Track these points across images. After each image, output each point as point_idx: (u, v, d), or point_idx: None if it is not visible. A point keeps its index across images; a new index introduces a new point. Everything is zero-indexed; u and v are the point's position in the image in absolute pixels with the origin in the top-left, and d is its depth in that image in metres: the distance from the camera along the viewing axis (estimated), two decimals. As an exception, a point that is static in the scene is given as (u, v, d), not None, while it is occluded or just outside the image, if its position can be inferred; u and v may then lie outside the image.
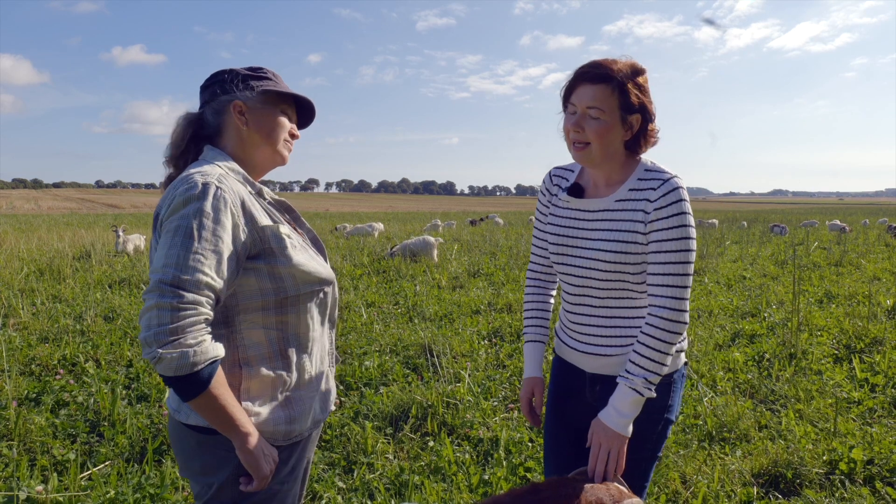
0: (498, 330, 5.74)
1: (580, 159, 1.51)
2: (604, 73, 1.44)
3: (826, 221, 27.33)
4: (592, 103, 1.44)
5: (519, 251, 12.76)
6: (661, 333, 1.43)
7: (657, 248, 1.43)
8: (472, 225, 24.59)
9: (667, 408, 1.56)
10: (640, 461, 1.54)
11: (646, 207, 1.45)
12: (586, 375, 1.62)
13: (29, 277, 8.45)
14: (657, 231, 1.43)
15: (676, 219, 1.42)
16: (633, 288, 1.51)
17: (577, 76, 1.48)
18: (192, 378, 1.11)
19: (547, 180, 1.70)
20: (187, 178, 1.22)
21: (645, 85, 1.47)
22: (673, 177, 1.44)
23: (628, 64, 1.46)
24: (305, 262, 1.33)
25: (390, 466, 2.97)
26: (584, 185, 1.60)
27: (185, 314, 1.10)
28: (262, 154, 1.42)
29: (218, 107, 1.39)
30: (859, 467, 2.90)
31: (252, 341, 1.29)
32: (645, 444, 1.53)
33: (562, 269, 1.61)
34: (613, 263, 1.47)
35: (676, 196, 1.42)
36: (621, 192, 1.50)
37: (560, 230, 1.61)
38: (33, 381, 4.05)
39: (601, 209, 1.53)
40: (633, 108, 1.45)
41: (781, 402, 3.85)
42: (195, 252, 1.13)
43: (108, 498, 2.56)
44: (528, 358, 1.74)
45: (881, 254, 12.75)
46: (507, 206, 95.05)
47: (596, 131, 1.44)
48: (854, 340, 5.21)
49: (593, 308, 1.57)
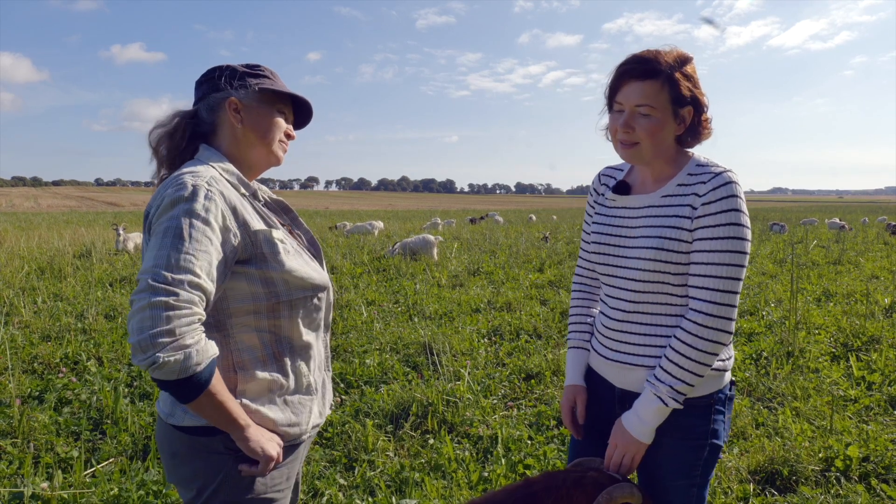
0: (498, 328, 5.77)
1: (629, 158, 1.42)
2: (651, 67, 1.34)
3: (826, 220, 27.34)
4: (641, 100, 1.34)
5: (518, 249, 12.78)
6: (694, 340, 1.31)
7: (702, 247, 1.32)
8: (472, 223, 24.61)
9: (710, 432, 1.43)
10: (689, 487, 1.45)
11: (693, 202, 1.34)
12: (616, 392, 1.52)
13: (30, 276, 8.48)
14: (703, 228, 1.32)
15: (727, 215, 1.30)
16: (673, 292, 1.40)
17: (621, 73, 1.38)
18: (193, 379, 1.08)
19: (595, 181, 1.64)
20: (177, 178, 1.20)
21: (694, 74, 1.38)
22: (726, 171, 1.34)
23: (674, 54, 1.36)
24: (298, 267, 1.31)
25: (391, 464, 3.00)
26: (630, 183, 1.52)
27: (180, 313, 1.06)
28: (256, 154, 1.39)
29: (213, 103, 1.35)
30: (855, 464, 2.93)
31: (245, 345, 1.28)
32: (691, 471, 1.43)
33: (602, 270, 1.52)
34: (654, 262, 1.37)
35: (728, 191, 1.30)
36: (669, 188, 1.40)
37: (603, 228, 1.53)
38: (36, 379, 4.07)
39: (646, 205, 1.44)
40: (685, 100, 1.36)
41: (778, 399, 3.88)
42: (186, 252, 1.10)
43: (112, 495, 2.59)
44: (569, 365, 1.63)
45: (880, 252, 12.77)
46: (507, 204, 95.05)
47: (647, 129, 1.35)
48: (851, 339, 5.24)
49: (626, 313, 1.45)
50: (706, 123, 1.42)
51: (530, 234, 17.47)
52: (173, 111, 1.38)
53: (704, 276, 1.32)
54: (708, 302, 1.31)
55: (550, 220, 30.97)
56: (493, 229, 20.62)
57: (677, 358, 1.33)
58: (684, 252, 1.36)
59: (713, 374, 1.41)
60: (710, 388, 1.42)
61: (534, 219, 29.92)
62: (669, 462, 1.44)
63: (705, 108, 1.41)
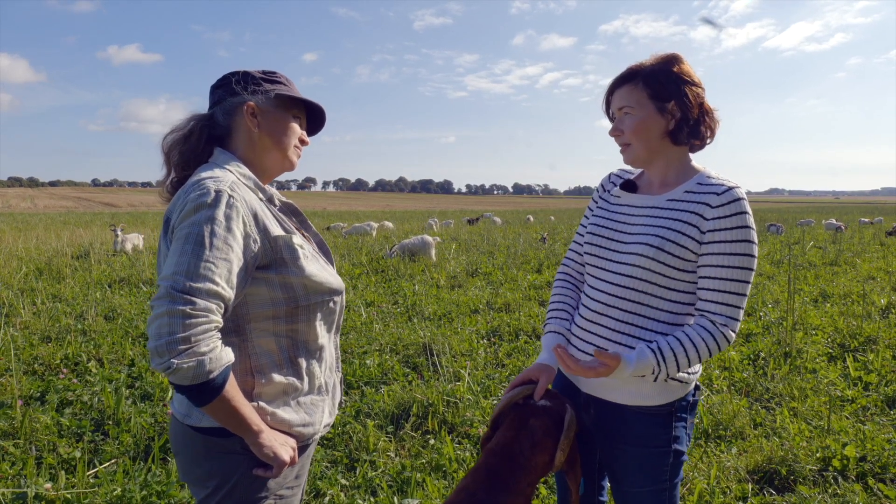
0: (497, 329, 5.79)
1: (627, 160, 1.49)
2: (628, 73, 1.45)
3: (823, 220, 27.41)
4: (622, 103, 1.44)
5: (516, 250, 12.81)
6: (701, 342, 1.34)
7: (716, 261, 1.35)
8: (470, 224, 24.66)
9: (672, 439, 1.46)
10: (659, 492, 1.49)
11: (703, 212, 1.36)
12: (581, 396, 1.55)
13: (28, 277, 8.47)
14: (718, 242, 1.35)
15: (740, 231, 1.34)
16: (655, 294, 1.41)
17: (610, 88, 1.49)
18: (207, 385, 1.11)
19: (605, 179, 1.68)
20: (199, 183, 1.20)
21: (680, 73, 1.42)
22: (736, 187, 1.37)
23: (657, 57, 1.45)
24: (317, 272, 1.32)
25: (392, 464, 3.02)
26: (638, 184, 1.57)
27: (197, 321, 1.08)
28: (271, 158, 1.39)
29: (229, 107, 1.35)
30: (852, 464, 2.95)
31: (263, 349, 1.29)
32: (659, 476, 1.47)
33: (591, 262, 1.54)
34: (648, 259, 1.39)
35: (741, 207, 1.34)
36: (676, 193, 1.44)
37: (601, 221, 1.56)
38: (37, 380, 4.08)
39: (650, 206, 1.47)
40: (667, 95, 1.40)
41: (776, 400, 3.90)
42: (206, 260, 1.12)
43: (116, 495, 2.60)
44: (544, 346, 1.60)
45: (876, 253, 12.83)
46: (505, 204, 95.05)
47: (631, 127, 1.43)
48: (848, 339, 5.27)
49: (605, 306, 1.47)
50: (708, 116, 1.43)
51: (528, 235, 17.50)
52: (189, 115, 1.38)
53: (721, 291, 1.35)
54: (723, 315, 1.35)
55: (548, 220, 31.00)
56: (490, 230, 20.64)
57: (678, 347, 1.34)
58: (681, 257, 1.38)
59: (674, 384, 1.43)
60: (672, 396, 1.45)
61: (531, 220, 29.95)
62: (636, 470, 1.48)
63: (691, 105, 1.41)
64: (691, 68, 1.45)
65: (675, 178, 1.47)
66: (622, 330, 1.44)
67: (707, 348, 1.34)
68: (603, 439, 1.53)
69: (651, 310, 1.43)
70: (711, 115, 1.45)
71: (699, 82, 1.44)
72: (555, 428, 1.42)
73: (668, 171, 1.48)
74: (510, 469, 1.36)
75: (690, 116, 1.42)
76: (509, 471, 1.36)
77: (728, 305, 1.35)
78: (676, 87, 1.40)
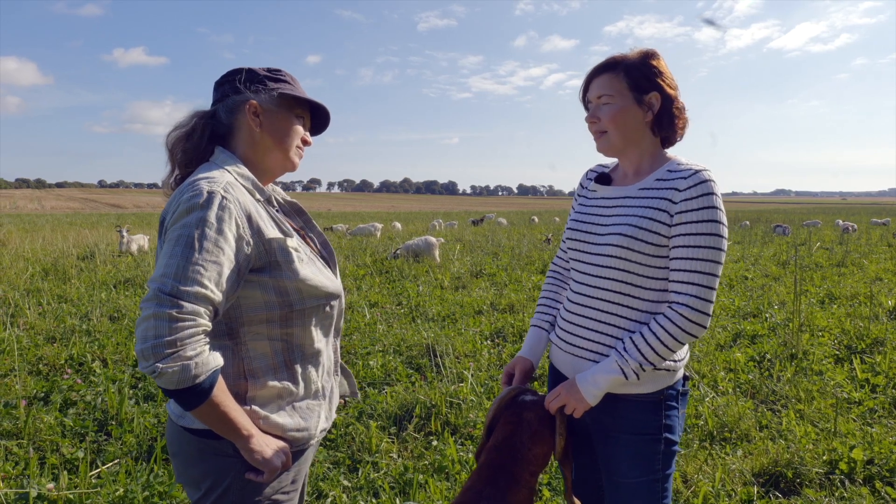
0: (500, 330, 5.77)
1: (601, 148, 1.52)
2: (609, 62, 1.48)
3: (837, 221, 27.09)
4: (601, 91, 1.47)
5: (521, 251, 12.78)
6: (674, 328, 1.36)
7: (684, 242, 1.37)
8: (475, 225, 24.68)
9: (664, 427, 1.48)
10: (652, 483, 1.49)
11: (672, 196, 1.39)
12: None
13: (34, 277, 8.51)
14: (685, 223, 1.37)
15: (707, 212, 1.36)
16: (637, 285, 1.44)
17: (588, 75, 1.53)
18: (193, 389, 1.09)
19: (583, 177, 1.71)
20: (193, 184, 1.19)
21: (659, 67, 1.47)
22: (704, 169, 1.40)
23: (637, 51, 1.49)
24: (312, 276, 1.30)
25: (394, 465, 3.01)
26: (613, 177, 1.60)
27: (183, 325, 1.07)
28: (273, 158, 1.37)
29: (232, 105, 1.33)
30: (859, 467, 2.92)
31: (257, 353, 1.27)
32: (651, 465, 1.48)
33: (572, 256, 1.58)
34: (621, 248, 1.42)
35: (707, 188, 1.36)
36: (647, 182, 1.47)
37: (579, 216, 1.59)
38: (41, 380, 4.09)
39: (623, 196, 1.51)
40: (646, 87, 1.45)
41: (782, 402, 3.87)
42: (195, 263, 1.10)
43: (118, 495, 2.60)
44: (526, 340, 1.69)
45: (884, 254, 12.75)
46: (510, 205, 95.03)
47: (609, 115, 1.46)
48: (855, 341, 5.23)
49: (588, 298, 1.50)
50: (679, 113, 1.49)
51: (532, 236, 17.47)
52: (191, 112, 1.36)
53: (689, 271, 1.37)
54: (693, 296, 1.36)
55: (553, 221, 30.95)
56: (495, 231, 20.62)
57: (653, 340, 1.38)
58: (654, 244, 1.41)
59: (661, 372, 1.46)
60: (660, 384, 1.48)
61: (536, 220, 29.91)
62: (627, 458, 1.49)
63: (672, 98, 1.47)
64: (667, 65, 1.51)
65: (648, 168, 1.51)
66: (604, 319, 1.48)
67: (669, 334, 1.37)
68: (596, 430, 1.56)
69: (631, 298, 1.45)
70: (682, 113, 1.51)
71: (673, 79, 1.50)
72: (549, 418, 1.47)
73: (642, 161, 1.52)
74: (513, 462, 1.40)
75: (665, 110, 1.47)
76: (512, 464, 1.39)
77: (695, 285, 1.36)
78: (655, 81, 1.46)
